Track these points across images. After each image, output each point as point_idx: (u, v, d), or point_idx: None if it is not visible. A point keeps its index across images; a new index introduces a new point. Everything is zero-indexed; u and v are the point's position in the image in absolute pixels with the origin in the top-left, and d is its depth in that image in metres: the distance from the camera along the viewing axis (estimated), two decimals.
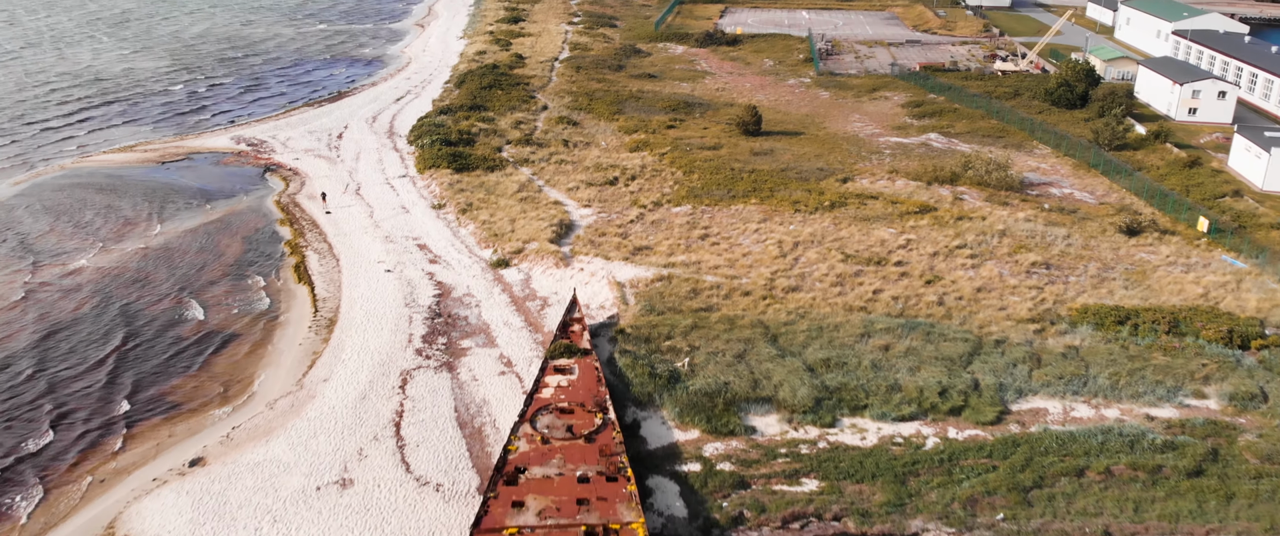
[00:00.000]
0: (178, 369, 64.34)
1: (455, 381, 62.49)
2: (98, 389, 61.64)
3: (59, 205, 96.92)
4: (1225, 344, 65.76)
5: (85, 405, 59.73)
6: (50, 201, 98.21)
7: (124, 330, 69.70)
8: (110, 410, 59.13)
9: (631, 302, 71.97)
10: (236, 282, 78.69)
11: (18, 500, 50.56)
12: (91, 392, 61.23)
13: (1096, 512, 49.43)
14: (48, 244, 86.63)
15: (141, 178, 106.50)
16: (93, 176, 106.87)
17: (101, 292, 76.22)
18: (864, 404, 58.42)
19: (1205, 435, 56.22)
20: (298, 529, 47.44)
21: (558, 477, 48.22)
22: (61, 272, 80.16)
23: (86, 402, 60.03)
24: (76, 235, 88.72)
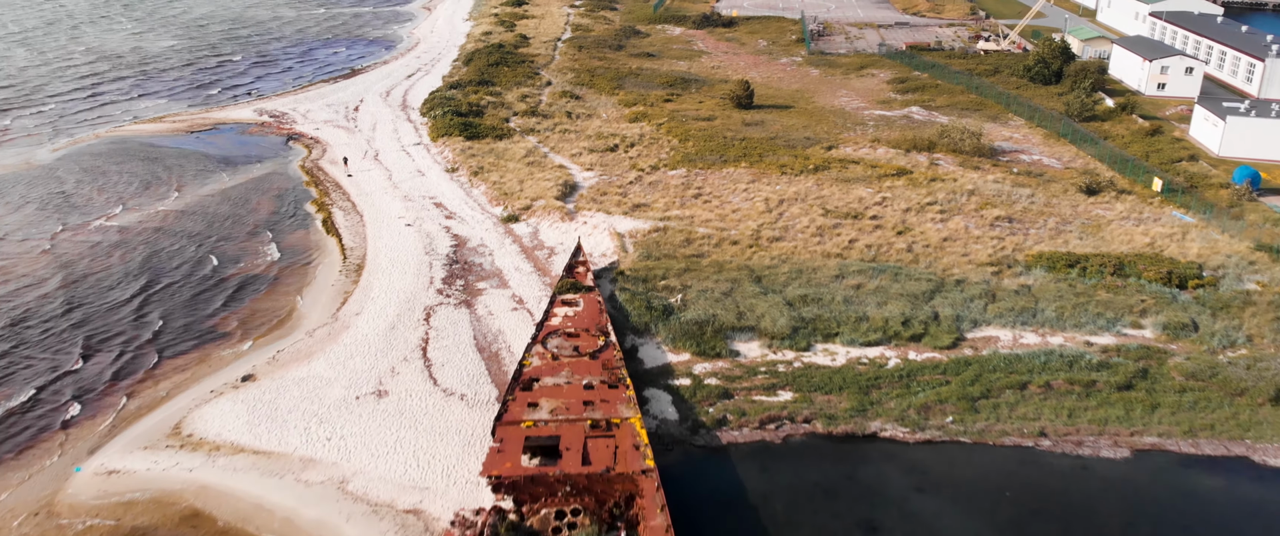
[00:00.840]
0: (224, 304, 71.51)
1: (473, 315, 69.58)
2: (161, 320, 68.78)
3: (100, 168, 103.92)
4: (1164, 283, 72.88)
5: (151, 333, 66.87)
6: (91, 165, 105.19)
7: (176, 272, 76.74)
8: (173, 336, 66.29)
9: (630, 250, 79.06)
10: (271, 234, 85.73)
11: (105, 405, 57.70)
12: (155, 323, 68.42)
13: (1035, 417, 56.59)
14: (96, 201, 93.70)
15: (173, 145, 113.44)
16: (127, 144, 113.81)
17: (149, 242, 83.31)
18: (835, 332, 65.52)
19: (1138, 358, 63.35)
20: (341, 428, 54.61)
21: (566, 385, 55.30)
22: (110, 224, 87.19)
23: (152, 330, 67.16)
24: (120, 194, 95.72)
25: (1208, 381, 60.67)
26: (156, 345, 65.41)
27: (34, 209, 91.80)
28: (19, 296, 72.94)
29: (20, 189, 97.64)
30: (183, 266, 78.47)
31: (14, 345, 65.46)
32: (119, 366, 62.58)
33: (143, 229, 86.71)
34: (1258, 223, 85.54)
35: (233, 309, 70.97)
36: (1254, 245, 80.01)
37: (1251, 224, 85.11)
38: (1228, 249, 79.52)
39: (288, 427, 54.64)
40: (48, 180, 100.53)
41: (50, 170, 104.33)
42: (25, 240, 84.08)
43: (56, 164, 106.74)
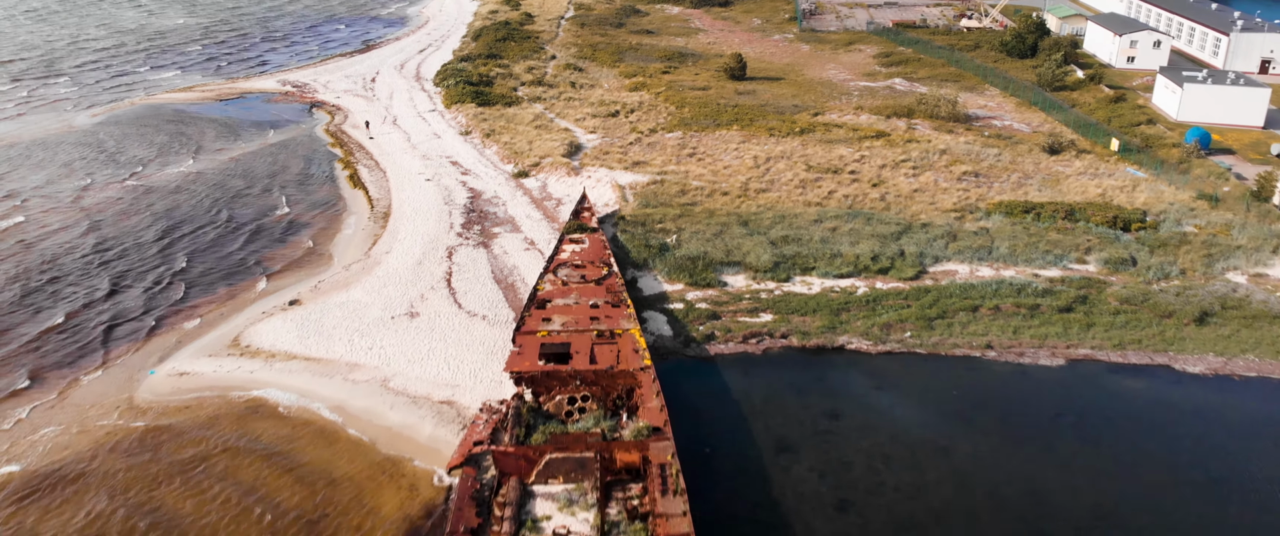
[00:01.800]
0: (269, 244, 79.16)
1: (490, 254, 77.14)
2: (211, 255, 76.43)
3: (138, 131, 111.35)
4: (1109, 226, 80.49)
5: (203, 266, 74.49)
6: (129, 129, 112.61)
7: (221, 219, 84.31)
8: (225, 270, 73.98)
9: (630, 199, 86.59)
10: (303, 187, 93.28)
11: (171, 324, 65.34)
12: (206, 258, 76.06)
13: (983, 333, 64.21)
14: (140, 159, 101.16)
15: (204, 111, 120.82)
16: (161, 110, 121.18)
17: (195, 194, 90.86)
18: (812, 266, 73.09)
19: (1079, 287, 70.98)
20: (380, 340, 62.25)
21: (575, 305, 62.88)
22: (157, 180, 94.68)
23: (204, 264, 74.79)
24: (163, 153, 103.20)
25: (1140, 306, 68.31)
26: (212, 276, 73.10)
27: (87, 165, 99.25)
28: (93, 237, 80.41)
29: (67, 149, 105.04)
30: (228, 213, 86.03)
31: (95, 275, 72.99)
32: (181, 293, 70.25)
33: (187, 183, 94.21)
34: (1202, 176, 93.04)
35: (275, 248, 78.59)
36: (1196, 195, 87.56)
37: (1196, 177, 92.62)
38: (1172, 198, 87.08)
39: (333, 340, 62.30)
40: (92, 142, 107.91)
41: (92, 133, 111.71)
42: (84, 191, 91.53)
43: (97, 128, 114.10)
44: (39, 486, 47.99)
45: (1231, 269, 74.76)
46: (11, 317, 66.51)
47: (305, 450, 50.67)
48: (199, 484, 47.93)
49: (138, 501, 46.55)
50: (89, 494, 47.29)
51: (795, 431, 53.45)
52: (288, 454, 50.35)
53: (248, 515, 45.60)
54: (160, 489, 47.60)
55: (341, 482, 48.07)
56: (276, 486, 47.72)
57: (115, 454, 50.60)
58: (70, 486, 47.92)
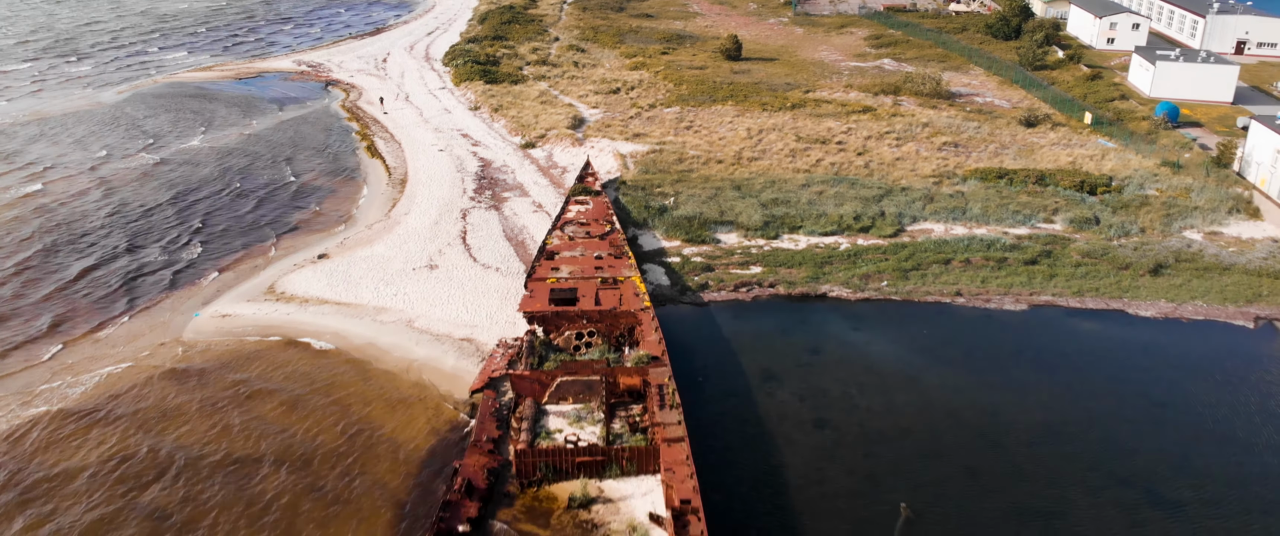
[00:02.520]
0: (295, 206, 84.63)
1: (501, 216, 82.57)
2: (244, 216, 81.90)
3: (165, 107, 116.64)
4: (1077, 190, 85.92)
5: (238, 225, 79.98)
6: (155, 105, 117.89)
7: (251, 184, 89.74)
8: (258, 228, 79.48)
9: (631, 167, 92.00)
10: (324, 157, 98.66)
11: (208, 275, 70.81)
12: (243, 218, 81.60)
13: (953, 282, 69.72)
14: (168, 131, 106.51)
15: (225, 89, 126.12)
16: (184, 87, 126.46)
17: (223, 162, 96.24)
18: (799, 225, 78.54)
19: (1045, 243, 76.45)
20: (403, 288, 67.74)
21: (581, 256, 68.36)
22: (186, 150, 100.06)
23: (239, 223, 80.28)
24: (190, 126, 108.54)
25: (1100, 259, 73.83)
26: (246, 233, 78.60)
27: (123, 137, 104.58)
28: (136, 199, 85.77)
29: (95, 123, 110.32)
30: (257, 179, 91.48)
31: (139, 232, 78.38)
32: (219, 247, 75.73)
33: (215, 152, 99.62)
34: (1167, 145, 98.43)
35: (302, 210, 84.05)
36: (1160, 162, 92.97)
37: (1162, 146, 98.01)
38: (1137, 165, 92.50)
39: (360, 287, 67.81)
40: (122, 116, 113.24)
41: (118, 108, 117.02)
42: (123, 158, 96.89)
43: (123, 103, 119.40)
44: (102, 406, 53.47)
45: (1188, 227, 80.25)
46: (75, 266, 71.90)
47: (341, 377, 56.22)
48: (245, 405, 53.46)
49: (191, 419, 52.07)
50: (146, 413, 52.79)
51: (779, 364, 59.00)
52: (326, 380, 55.90)
53: (293, 428, 51.18)
54: (210, 409, 53.13)
55: (375, 403, 53.63)
56: (317, 405, 53.28)
57: (166, 381, 56.11)
58: (129, 407, 53.41)
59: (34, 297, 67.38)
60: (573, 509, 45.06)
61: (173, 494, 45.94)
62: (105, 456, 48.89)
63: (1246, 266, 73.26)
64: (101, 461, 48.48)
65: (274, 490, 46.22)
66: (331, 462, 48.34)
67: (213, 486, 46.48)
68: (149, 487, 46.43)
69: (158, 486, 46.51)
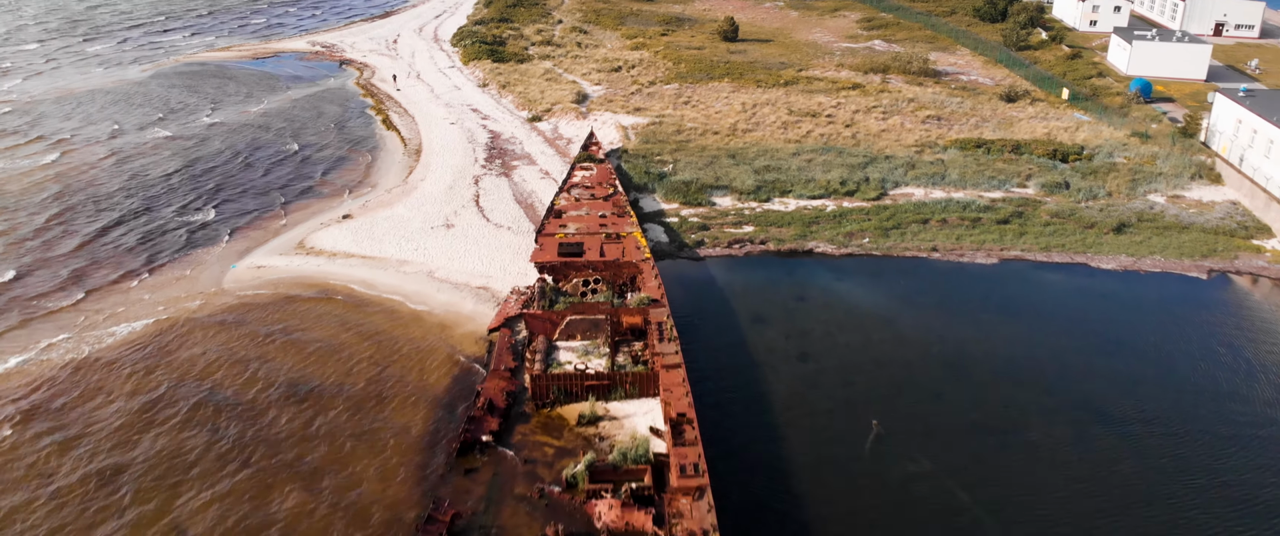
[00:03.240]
0: (318, 172, 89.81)
1: (511, 182, 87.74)
2: (271, 180, 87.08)
3: (188, 84, 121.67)
4: (1050, 158, 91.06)
5: (266, 188, 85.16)
6: (178, 82, 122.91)
7: (276, 152, 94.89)
8: (285, 191, 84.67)
9: (633, 137, 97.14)
10: (342, 129, 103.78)
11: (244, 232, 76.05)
12: (271, 182, 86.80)
13: (930, 239, 74.95)
14: (194, 105, 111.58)
15: (244, 67, 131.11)
16: (205, 66, 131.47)
17: (249, 134, 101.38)
18: (789, 189, 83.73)
19: (1017, 205, 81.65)
20: (423, 244, 72.96)
21: (586, 215, 73.53)
22: (209, 122, 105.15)
23: (267, 186, 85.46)
24: (213, 101, 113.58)
25: (1067, 219, 79.05)
26: (275, 197, 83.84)
27: (149, 112, 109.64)
28: (170, 165, 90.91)
29: (124, 99, 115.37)
30: (281, 148, 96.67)
31: (178, 194, 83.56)
32: (251, 209, 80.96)
33: (240, 125, 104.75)
34: (1138, 118, 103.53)
35: (325, 175, 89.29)
36: (1130, 133, 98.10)
37: (1133, 119, 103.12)
38: (1109, 136, 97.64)
39: (384, 243, 73.06)
40: (148, 92, 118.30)
41: (144, 85, 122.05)
42: (158, 129, 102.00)
43: (148, 81, 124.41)
44: (153, 342, 58.73)
45: (1153, 191, 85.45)
46: (127, 224, 77.08)
47: (371, 317, 61.52)
48: (283, 341, 58.76)
49: (235, 351, 57.38)
50: (193, 347, 58.09)
51: (768, 308, 64.30)
52: (356, 321, 61.20)
53: (330, 358, 56.48)
54: (254, 344, 58.44)
55: (402, 340, 58.94)
56: (350, 340, 58.61)
57: (210, 321, 61.40)
58: (177, 342, 58.68)
59: (90, 249, 72.59)
60: (582, 425, 50.39)
61: (229, 410, 51.27)
62: (171, 380, 54.18)
63: (1204, 225, 78.52)
64: (170, 385, 53.78)
65: (316, 407, 51.57)
66: (366, 386, 53.69)
67: (264, 404, 51.81)
68: (209, 404, 51.76)
69: (215, 404, 51.85)
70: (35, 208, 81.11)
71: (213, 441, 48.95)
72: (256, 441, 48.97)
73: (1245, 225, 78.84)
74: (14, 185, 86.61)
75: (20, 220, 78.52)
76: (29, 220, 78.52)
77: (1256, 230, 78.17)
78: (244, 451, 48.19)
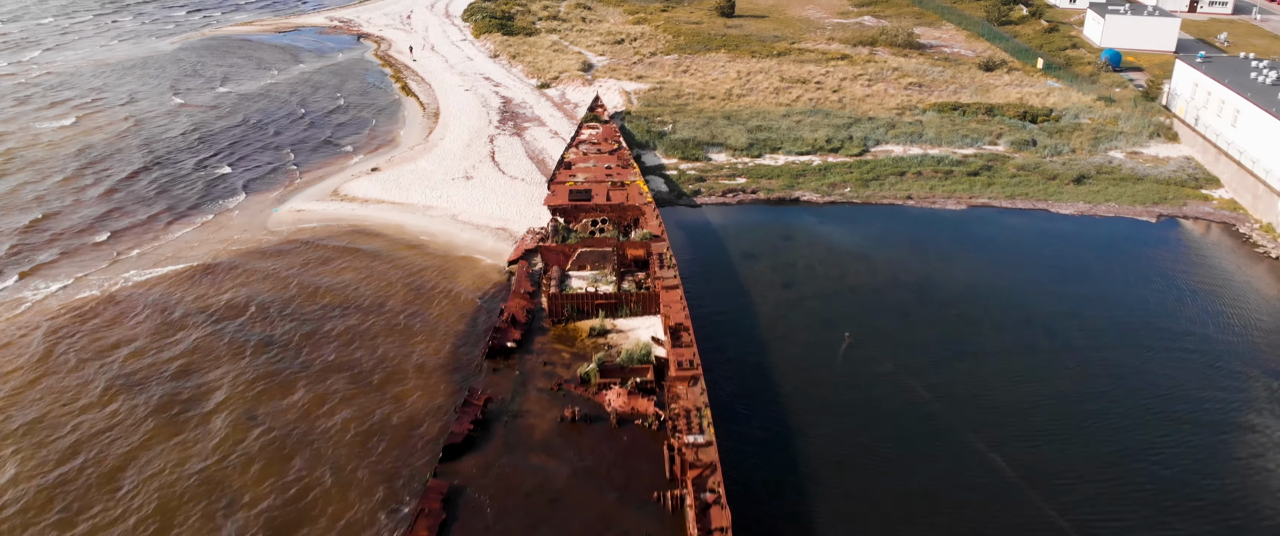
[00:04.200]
0: (346, 132, 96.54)
1: (523, 140, 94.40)
2: (303, 139, 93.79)
3: (215, 55, 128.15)
4: (1020, 119, 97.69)
5: (299, 146, 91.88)
6: (206, 53, 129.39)
7: (304, 114, 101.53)
8: (316, 148, 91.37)
9: (635, 101, 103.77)
10: (364, 96, 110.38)
11: (281, 183, 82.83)
12: (303, 141, 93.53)
13: (906, 189, 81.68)
14: (221, 74, 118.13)
15: (268, 40, 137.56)
16: (230, 39, 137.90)
17: (278, 99, 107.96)
18: (779, 146, 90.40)
19: (987, 159, 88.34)
20: (446, 192, 79.70)
21: (593, 166, 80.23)
22: (239, 90, 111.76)
23: (300, 144, 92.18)
24: (240, 70, 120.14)
25: (1032, 171, 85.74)
26: (306, 152, 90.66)
27: (183, 81, 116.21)
28: (209, 127, 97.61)
29: (157, 67, 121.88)
30: (310, 111, 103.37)
31: (221, 150, 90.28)
32: (288, 163, 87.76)
33: (267, 92, 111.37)
34: (1106, 84, 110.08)
35: (352, 135, 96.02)
36: (1096, 98, 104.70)
37: (1101, 85, 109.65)
38: (1077, 100, 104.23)
39: (410, 191, 79.84)
40: (180, 62, 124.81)
41: (175, 56, 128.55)
42: (193, 95, 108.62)
43: (177, 52, 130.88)
44: (207, 273, 65.57)
45: (1113, 148, 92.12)
46: (183, 176, 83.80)
47: (402, 252, 68.40)
48: (325, 271, 65.62)
49: (284, 277, 64.24)
50: (248, 272, 64.95)
51: (757, 246, 71.14)
52: (390, 255, 68.08)
53: (369, 283, 63.37)
54: (300, 272, 65.32)
55: (431, 271, 65.81)
56: (383, 270, 65.50)
57: (257, 254, 68.25)
58: (229, 272, 65.54)
59: (161, 197, 79.39)
60: (592, 336, 57.31)
61: (285, 320, 58.20)
62: (228, 302, 61.13)
63: (1157, 177, 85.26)
64: (226, 305, 60.72)
65: (358, 321, 58.51)
66: (403, 305, 60.63)
67: (314, 316, 58.75)
68: (265, 320, 58.68)
69: (273, 316, 58.76)
70: (111, 163, 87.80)
71: (274, 343, 55.90)
72: (311, 343, 55.92)
73: (1196, 177, 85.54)
74: (95, 138, 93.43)
75: (109, 169, 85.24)
76: (109, 174, 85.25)
77: (1206, 181, 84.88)
78: (301, 351, 55.15)
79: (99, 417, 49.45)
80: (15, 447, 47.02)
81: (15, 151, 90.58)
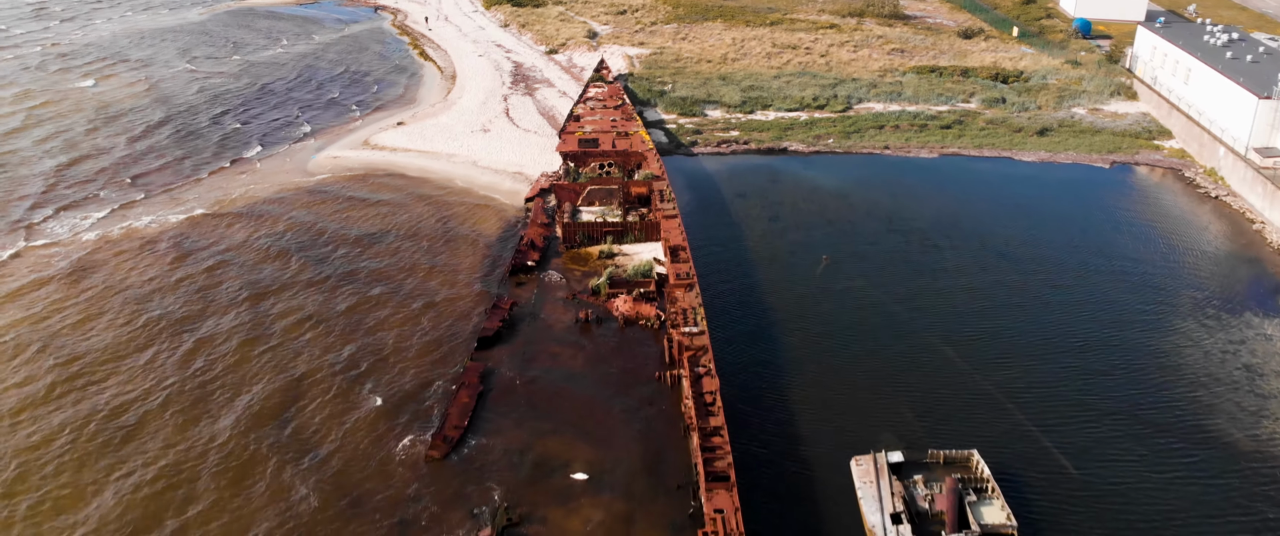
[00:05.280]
0: (371, 92, 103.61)
1: (534, 99, 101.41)
2: (336, 98, 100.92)
3: (242, 24, 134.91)
4: (992, 80, 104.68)
5: (330, 103, 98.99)
6: (233, 22, 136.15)
7: (334, 77, 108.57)
8: (346, 106, 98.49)
9: (637, 65, 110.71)
10: (385, 60, 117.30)
11: (316, 134, 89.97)
12: (334, 100, 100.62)
13: (884, 140, 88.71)
14: (250, 41, 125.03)
15: (290, 11, 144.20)
16: (254, 10, 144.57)
17: (306, 62, 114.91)
18: (769, 103, 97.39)
19: (960, 115, 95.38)
20: (466, 143, 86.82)
21: (600, 119, 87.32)
22: (269, 54, 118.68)
23: (330, 102, 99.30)
24: (266, 38, 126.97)
25: (1000, 125, 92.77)
26: (337, 109, 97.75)
27: (217, 46, 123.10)
28: (245, 87, 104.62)
29: (193, 36, 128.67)
30: (337, 74, 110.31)
31: (257, 107, 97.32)
32: (321, 118, 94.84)
33: (296, 56, 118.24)
34: (1075, 50, 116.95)
35: (376, 94, 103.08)
36: (1064, 61, 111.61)
37: (1070, 50, 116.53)
38: (1046, 64, 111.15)
39: (434, 141, 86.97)
40: (209, 31, 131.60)
41: (204, 25, 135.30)
42: (227, 60, 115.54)
43: (206, 21, 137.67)
44: (272, 202, 72.85)
45: (1076, 106, 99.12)
46: (213, 126, 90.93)
47: (429, 190, 75.63)
48: (364, 204, 72.86)
49: (325, 211, 71.51)
50: (295, 207, 72.21)
51: (747, 187, 78.33)
52: (419, 193, 75.31)
53: (402, 215, 70.61)
54: (339, 207, 72.56)
55: (456, 205, 73.06)
56: (413, 205, 72.73)
57: (302, 191, 75.48)
58: (284, 204, 72.77)
59: (219, 143, 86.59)
60: (601, 258, 64.63)
61: (331, 244, 65.53)
62: (280, 229, 68.44)
63: (1115, 129, 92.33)
64: (280, 231, 68.04)
65: (396, 245, 65.85)
66: (434, 233, 67.95)
67: (356, 241, 66.07)
68: (314, 243, 65.99)
69: (320, 240, 66.08)
70: (160, 118, 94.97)
71: (323, 261, 63.27)
72: (355, 263, 63.31)
73: (1150, 129, 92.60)
74: (171, 89, 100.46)
75: (158, 123, 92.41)
76: (159, 127, 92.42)
77: (1158, 133, 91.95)
78: (347, 270, 62.53)
79: (208, 303, 56.92)
80: (159, 330, 54.49)
81: (101, 100, 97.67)
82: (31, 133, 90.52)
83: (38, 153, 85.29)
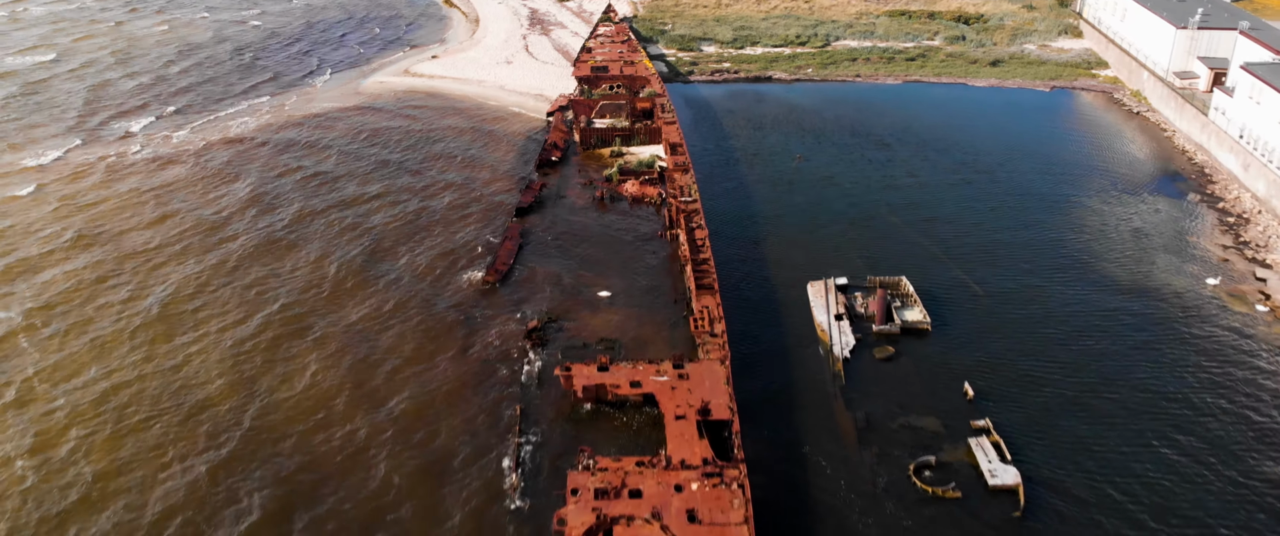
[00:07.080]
0: (405, 33, 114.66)
1: (550, 38, 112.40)
2: (375, 36, 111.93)
3: None
4: (955, 21, 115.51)
5: (373, 42, 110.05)
6: None
7: (370, 20, 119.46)
8: (385, 42, 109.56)
9: (641, 9, 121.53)
10: (413, 6, 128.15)
11: (361, 66, 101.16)
12: (374, 37, 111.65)
13: (855, 71, 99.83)
14: None
15: None
16: None
17: (345, 7, 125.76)
18: (757, 40, 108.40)
19: (923, 50, 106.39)
20: (493, 72, 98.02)
21: (609, 50, 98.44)
22: (309, 3, 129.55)
23: (373, 41, 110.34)
24: None
25: (958, 58, 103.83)
26: (378, 46, 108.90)
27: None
28: (294, 27, 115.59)
29: None
30: (375, 16, 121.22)
31: (315, 42, 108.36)
32: (364, 53, 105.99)
33: (332, 3, 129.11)
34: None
35: (411, 35, 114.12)
36: (1021, 5, 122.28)
37: None
38: (1005, 8, 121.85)
39: (465, 71, 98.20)
40: None
41: None
42: (279, 3, 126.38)
43: None
44: (335, 113, 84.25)
45: (1028, 42, 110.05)
46: (275, 60, 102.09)
47: (465, 108, 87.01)
48: (410, 116, 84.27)
49: (378, 122, 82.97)
50: (354, 118, 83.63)
51: (736, 106, 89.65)
52: (456, 107, 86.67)
53: (444, 123, 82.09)
54: (391, 117, 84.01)
55: (489, 117, 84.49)
56: (453, 117, 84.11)
57: (352, 110, 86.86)
58: (345, 116, 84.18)
59: (285, 70, 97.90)
60: (612, 156, 76.16)
61: (389, 146, 77.11)
62: (345, 133, 79.96)
63: (1058, 61, 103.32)
64: (345, 134, 79.57)
65: (443, 148, 77.34)
66: (473, 139, 79.44)
67: (408, 143, 77.62)
68: (372, 147, 77.58)
69: (380, 142, 77.67)
70: (248, 46, 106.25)
71: (387, 160, 74.88)
72: (410, 154, 74.90)
73: (1089, 61, 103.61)
74: (200, 36, 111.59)
75: (223, 55, 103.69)
76: (227, 59, 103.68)
77: (1097, 64, 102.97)
78: (402, 160, 74.17)
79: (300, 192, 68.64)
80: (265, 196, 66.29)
81: (175, 34, 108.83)
82: (119, 63, 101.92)
83: (123, 73, 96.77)
